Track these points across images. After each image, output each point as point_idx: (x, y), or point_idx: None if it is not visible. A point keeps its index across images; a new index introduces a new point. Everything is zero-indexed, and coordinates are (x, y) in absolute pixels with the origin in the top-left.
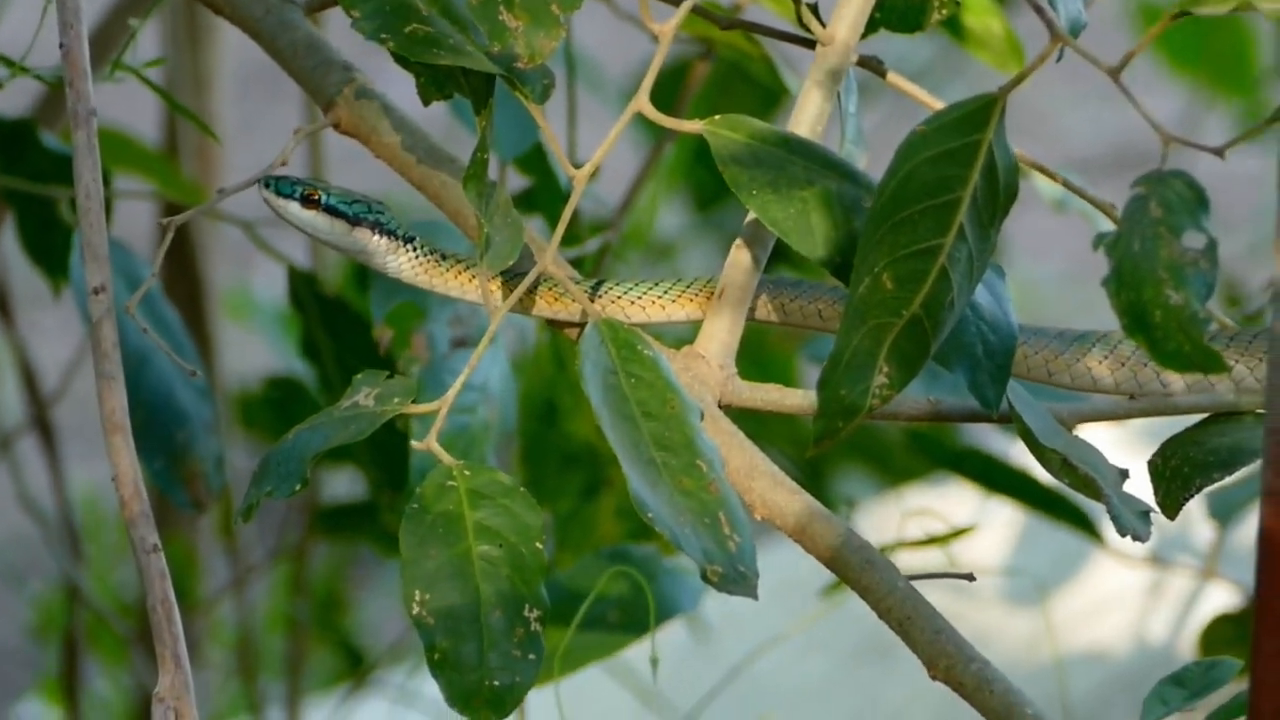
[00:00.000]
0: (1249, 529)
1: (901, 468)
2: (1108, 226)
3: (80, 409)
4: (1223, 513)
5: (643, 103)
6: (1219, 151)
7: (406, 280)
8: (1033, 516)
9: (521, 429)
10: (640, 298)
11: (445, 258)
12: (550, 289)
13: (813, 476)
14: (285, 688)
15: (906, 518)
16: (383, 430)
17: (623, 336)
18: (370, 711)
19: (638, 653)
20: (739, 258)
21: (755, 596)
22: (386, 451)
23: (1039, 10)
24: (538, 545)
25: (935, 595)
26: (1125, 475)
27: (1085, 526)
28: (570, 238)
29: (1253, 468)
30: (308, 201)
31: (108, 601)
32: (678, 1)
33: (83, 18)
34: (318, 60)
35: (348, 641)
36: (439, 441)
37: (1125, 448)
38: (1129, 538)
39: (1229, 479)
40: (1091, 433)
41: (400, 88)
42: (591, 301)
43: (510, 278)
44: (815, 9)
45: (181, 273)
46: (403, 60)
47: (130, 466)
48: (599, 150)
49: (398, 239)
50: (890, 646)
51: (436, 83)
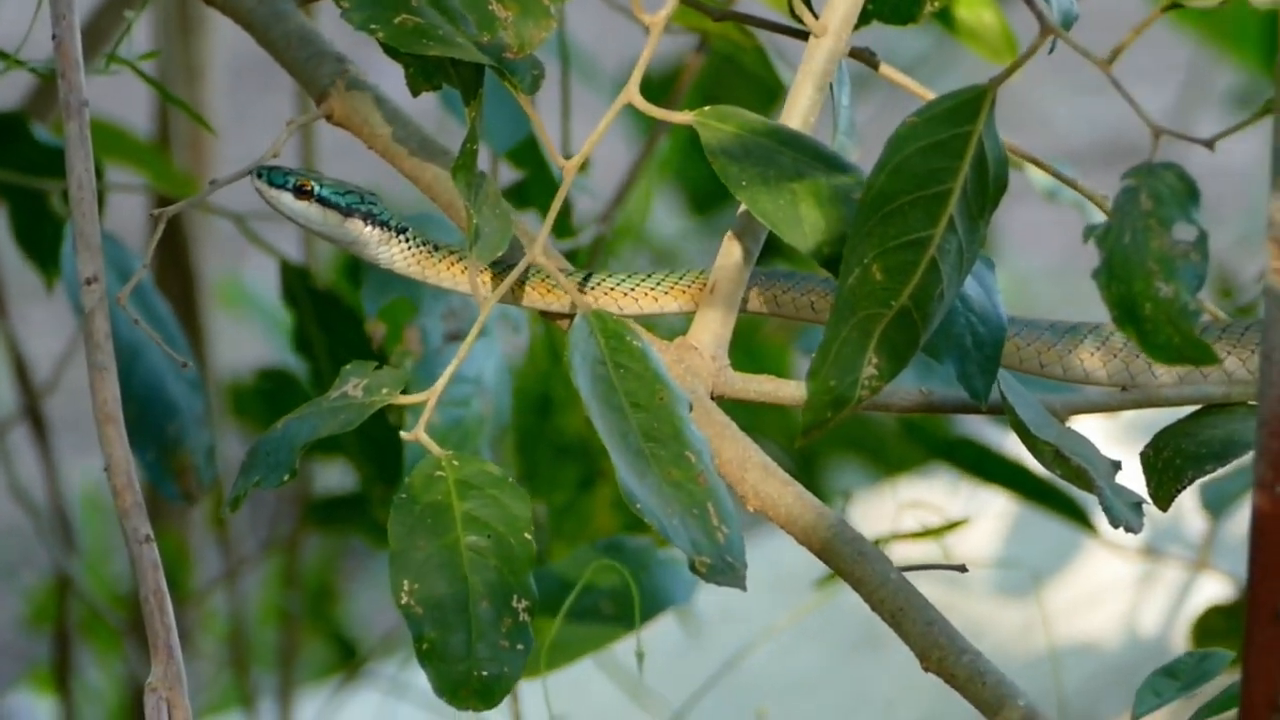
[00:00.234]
0: (1241, 520)
1: (895, 459)
2: (1099, 219)
3: (72, 402)
4: (1215, 504)
5: (632, 94)
6: (1209, 143)
7: (399, 271)
8: (1025, 508)
9: (516, 422)
10: (632, 289)
11: (437, 249)
12: (541, 280)
13: (806, 468)
14: (277, 679)
15: (901, 510)
16: (375, 424)
17: (611, 327)
18: (362, 703)
19: (631, 646)
20: (731, 249)
21: (744, 587)
22: (379, 445)
23: (1030, 2)
24: (526, 536)
25: (928, 587)
26: (1118, 466)
27: (1078, 518)
28: (563, 230)
29: (1245, 459)
30: (300, 192)
31: (100, 593)
32: None
33: (75, 9)
34: (310, 52)
35: (340, 633)
36: (435, 434)
37: (1118, 439)
38: (1121, 529)
39: (1221, 470)
40: (1084, 424)
41: (393, 80)
42: (583, 293)
43: (502, 269)
44: (808, 1)
45: (173, 264)
46: (392, 51)
47: (123, 457)
48: (588, 141)
49: (390, 230)
50: (883, 638)
51: (425, 73)
